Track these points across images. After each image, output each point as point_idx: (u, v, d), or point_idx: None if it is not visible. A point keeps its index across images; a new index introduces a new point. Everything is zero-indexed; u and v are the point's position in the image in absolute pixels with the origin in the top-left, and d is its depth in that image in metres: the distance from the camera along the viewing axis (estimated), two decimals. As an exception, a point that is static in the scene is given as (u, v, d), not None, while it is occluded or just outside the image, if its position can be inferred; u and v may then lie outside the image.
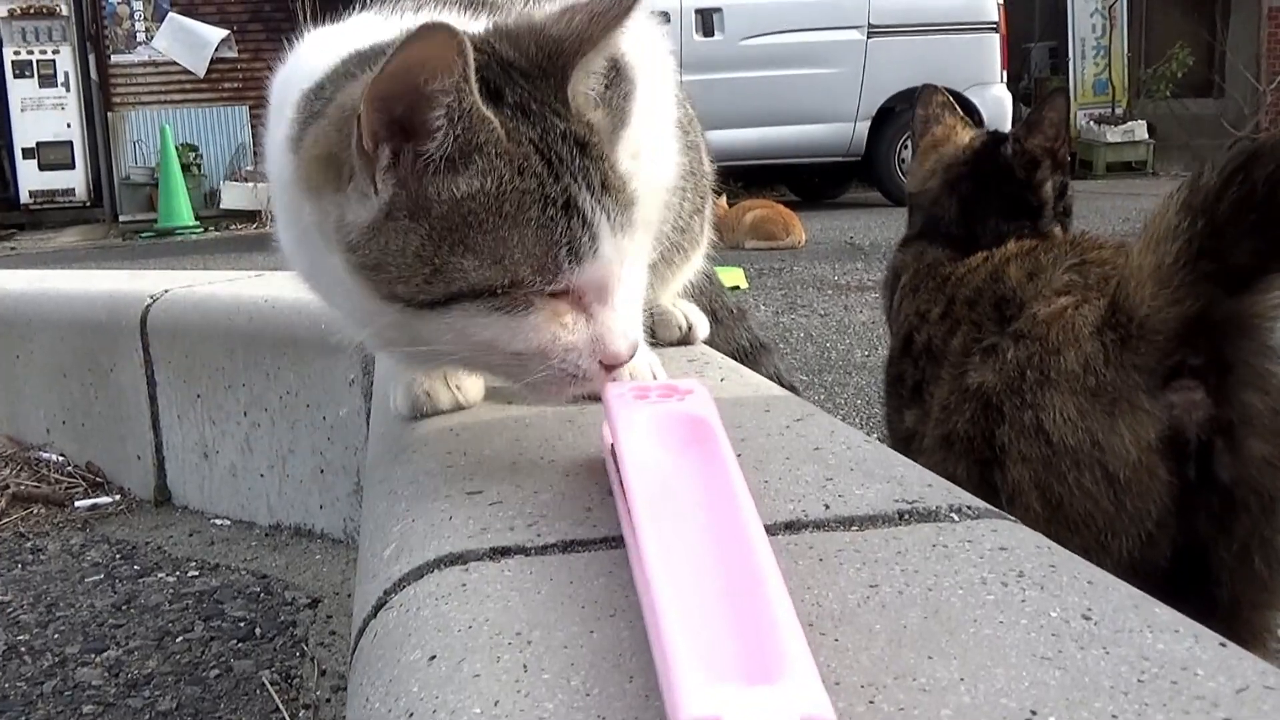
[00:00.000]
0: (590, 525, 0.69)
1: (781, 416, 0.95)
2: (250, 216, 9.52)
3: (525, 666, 0.51)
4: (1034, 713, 0.46)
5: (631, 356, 0.76)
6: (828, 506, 0.71)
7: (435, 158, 0.69)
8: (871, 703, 0.47)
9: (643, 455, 0.60)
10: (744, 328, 1.51)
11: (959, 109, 1.62)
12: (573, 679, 0.50)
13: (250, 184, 9.66)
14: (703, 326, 1.29)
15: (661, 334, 1.25)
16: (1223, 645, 0.51)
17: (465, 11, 0.89)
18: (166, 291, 2.35)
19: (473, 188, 0.69)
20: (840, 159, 8.16)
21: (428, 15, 0.85)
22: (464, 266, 0.69)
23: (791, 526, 0.69)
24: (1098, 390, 0.95)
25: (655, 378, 0.92)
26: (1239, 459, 0.90)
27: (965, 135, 1.55)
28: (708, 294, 1.39)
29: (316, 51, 0.84)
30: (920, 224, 1.52)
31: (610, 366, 0.74)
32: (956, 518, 0.69)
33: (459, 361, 0.77)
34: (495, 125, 0.69)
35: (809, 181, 8.88)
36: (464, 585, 0.62)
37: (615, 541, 0.66)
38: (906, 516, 0.70)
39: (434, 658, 0.54)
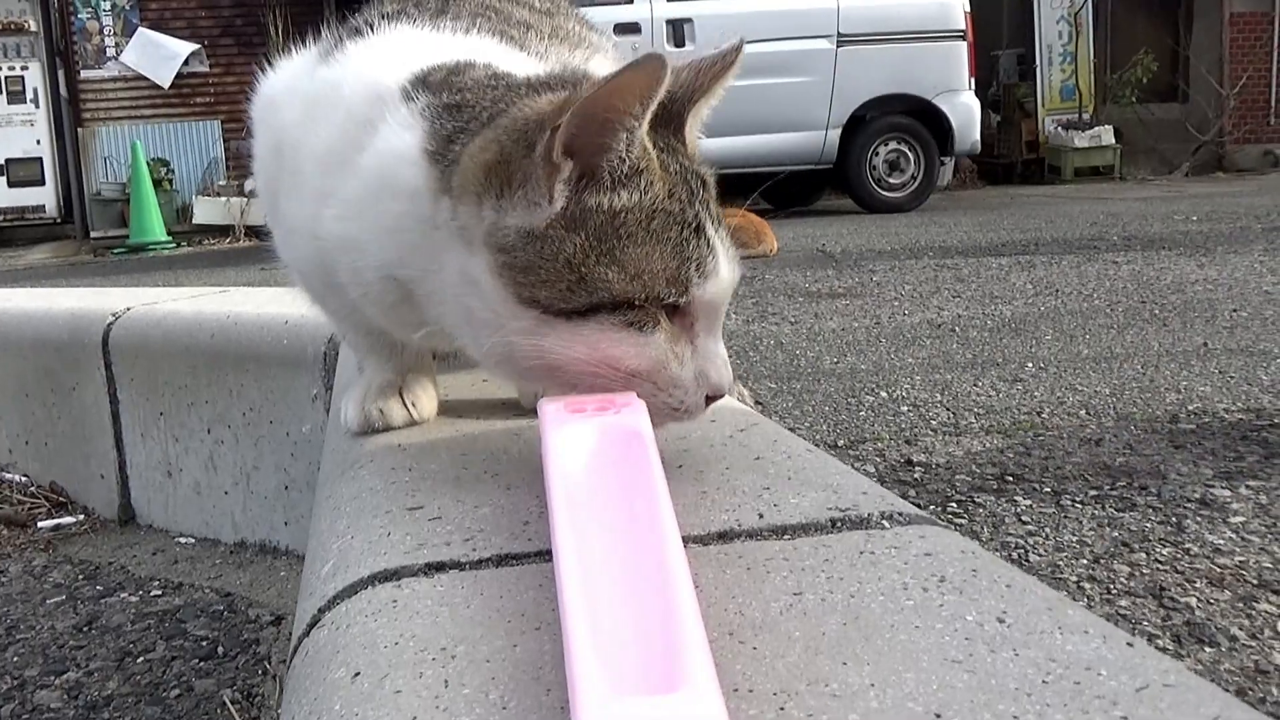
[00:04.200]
0: (526, 539, 0.70)
1: (726, 426, 0.96)
2: (223, 231, 9.46)
3: (446, 682, 0.52)
4: (938, 716, 0.47)
5: (730, 389, 0.81)
6: (761, 516, 0.72)
7: (606, 175, 0.73)
8: (782, 709, 0.48)
9: (567, 469, 0.61)
10: None
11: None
12: (491, 693, 0.50)
13: (223, 199, 9.60)
14: None
15: None
16: (1129, 645, 0.52)
17: (498, 37, 0.93)
18: (129, 309, 2.33)
19: (629, 204, 0.74)
20: (812, 167, 8.22)
21: (459, 32, 0.91)
22: (609, 278, 0.73)
23: (725, 536, 0.69)
24: None
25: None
26: None
27: None
28: None
29: (376, 63, 0.87)
30: None
31: (713, 397, 0.78)
32: (887, 525, 0.70)
33: (567, 379, 0.77)
34: (653, 152, 0.75)
35: (787, 189, 8.92)
36: (395, 601, 0.62)
37: (549, 555, 0.66)
38: (838, 524, 0.71)
39: (358, 675, 0.54)
